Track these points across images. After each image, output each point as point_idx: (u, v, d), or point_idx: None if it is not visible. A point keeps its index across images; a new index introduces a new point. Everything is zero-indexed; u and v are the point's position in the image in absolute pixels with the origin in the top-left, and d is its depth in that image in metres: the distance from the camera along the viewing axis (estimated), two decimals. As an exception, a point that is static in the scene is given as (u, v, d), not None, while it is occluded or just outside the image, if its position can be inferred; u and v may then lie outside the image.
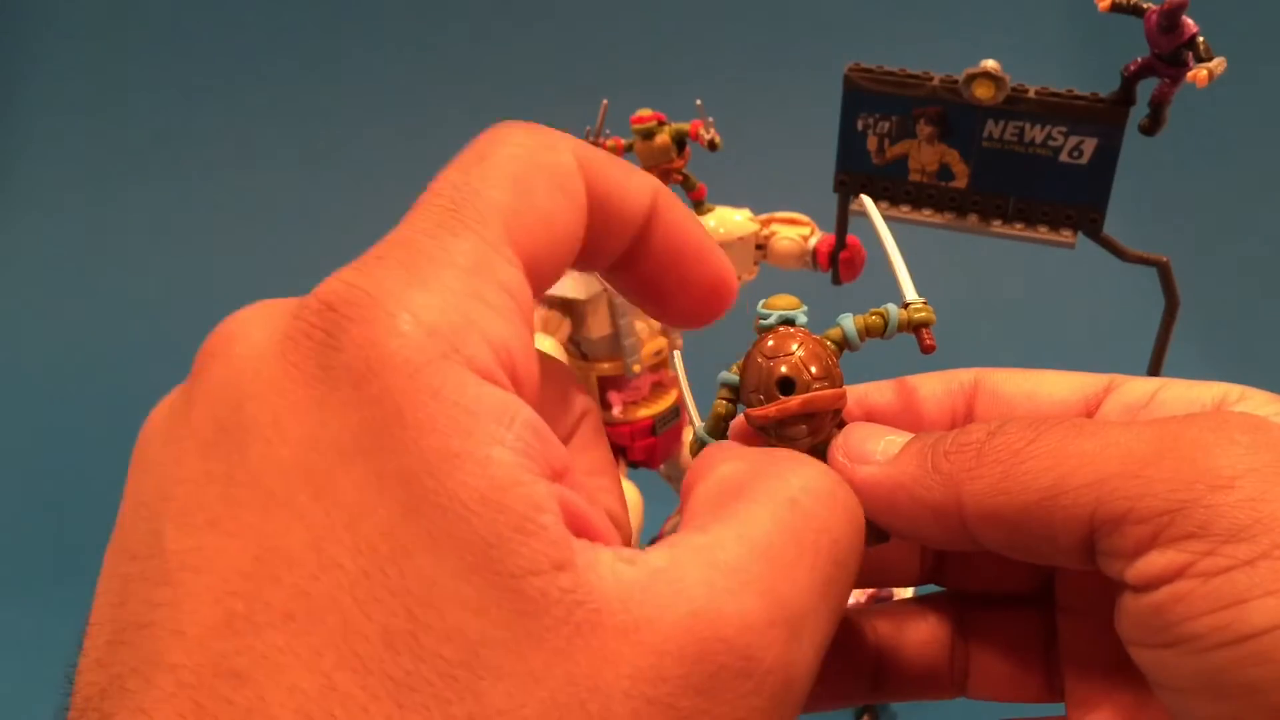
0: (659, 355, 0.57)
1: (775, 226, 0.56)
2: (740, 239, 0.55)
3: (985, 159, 0.43)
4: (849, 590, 0.19)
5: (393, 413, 0.15)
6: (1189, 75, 0.38)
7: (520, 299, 0.17)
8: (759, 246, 0.56)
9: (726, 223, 0.55)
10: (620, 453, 0.58)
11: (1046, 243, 0.43)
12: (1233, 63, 0.38)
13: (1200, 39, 0.38)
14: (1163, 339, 0.43)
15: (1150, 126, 0.41)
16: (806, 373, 0.22)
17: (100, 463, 0.84)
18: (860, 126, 0.44)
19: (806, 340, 0.23)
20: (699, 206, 0.55)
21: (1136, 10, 0.39)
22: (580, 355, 0.56)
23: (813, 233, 0.55)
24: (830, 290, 0.53)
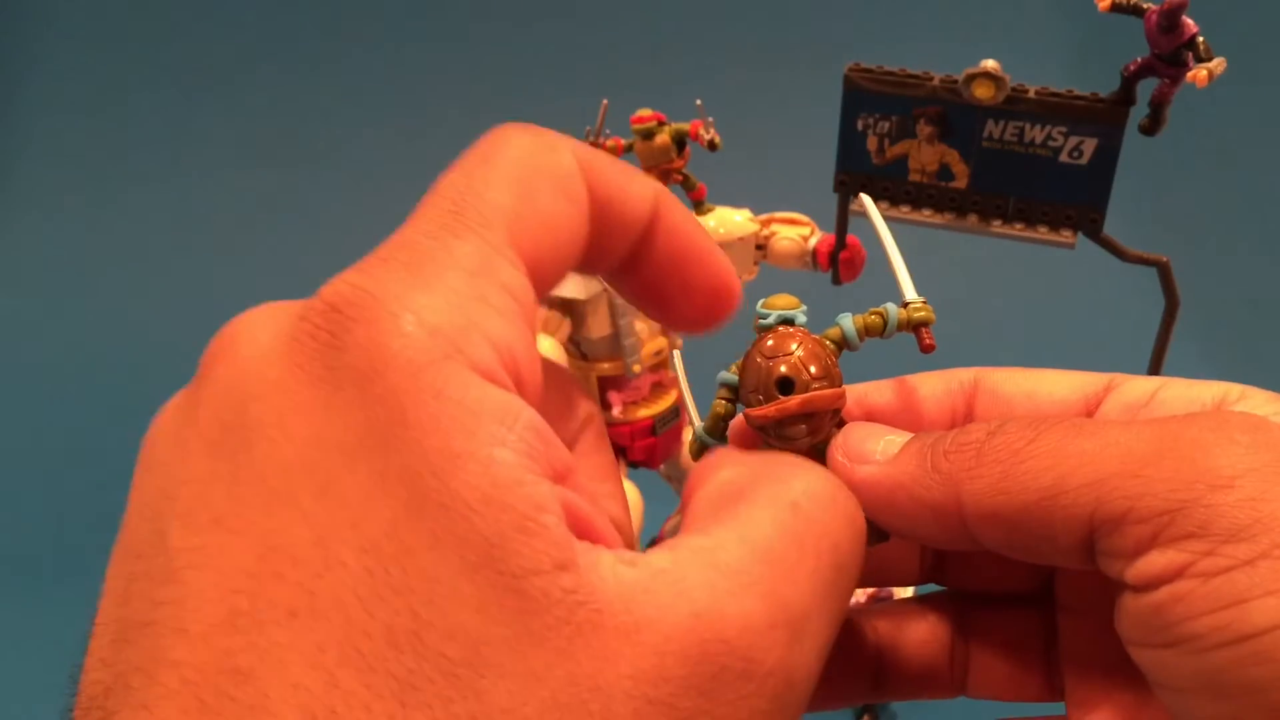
0: (659, 355, 0.57)
1: (775, 226, 0.56)
2: (740, 239, 0.55)
3: (985, 159, 0.43)
4: (850, 594, 0.19)
5: (396, 412, 0.15)
6: (1189, 75, 0.38)
7: (523, 301, 0.17)
8: (759, 246, 0.56)
9: (726, 223, 0.55)
10: (620, 453, 0.58)
11: (1046, 243, 0.43)
12: (1233, 63, 0.38)
13: (1200, 39, 0.38)
14: (1163, 339, 0.43)
15: (1150, 126, 0.41)
16: (805, 372, 0.22)
17: (101, 462, 0.84)
18: (860, 126, 0.44)
19: (806, 340, 0.23)
20: (699, 206, 0.55)
21: (1136, 10, 0.39)
22: (580, 355, 0.56)
23: (813, 233, 0.55)
24: (830, 290, 0.53)
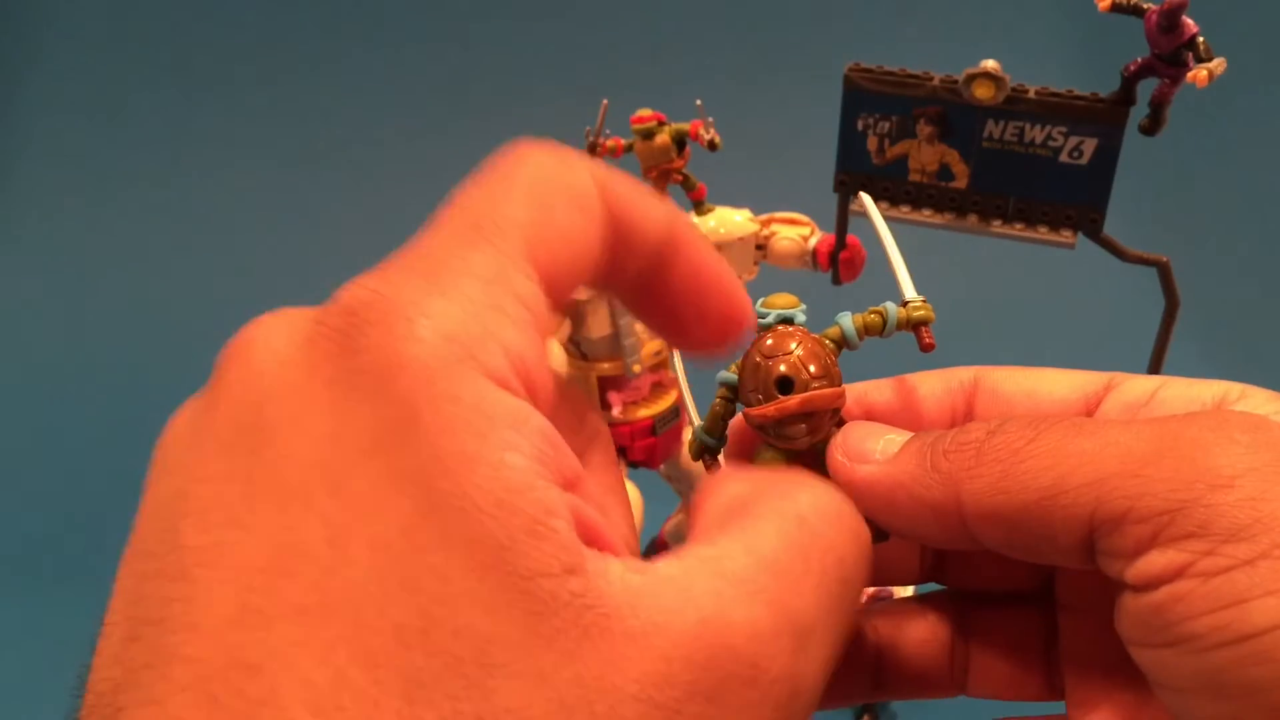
0: (659, 355, 0.57)
1: (775, 226, 0.56)
2: (740, 239, 0.55)
3: (985, 159, 0.43)
4: (855, 610, 0.19)
5: (410, 415, 0.15)
6: (1189, 75, 0.38)
7: (536, 312, 0.17)
8: (759, 246, 0.56)
9: (726, 223, 0.55)
10: (620, 453, 0.58)
11: (1046, 243, 0.43)
12: (1233, 63, 0.38)
13: (1200, 39, 0.38)
14: (1163, 339, 0.43)
15: (1150, 126, 0.41)
16: (805, 372, 0.22)
17: (101, 462, 0.84)
18: (860, 126, 0.44)
19: (805, 339, 0.23)
20: (699, 206, 0.55)
21: (1136, 10, 0.39)
22: (580, 355, 0.56)
23: (813, 233, 0.55)
24: (830, 290, 0.53)
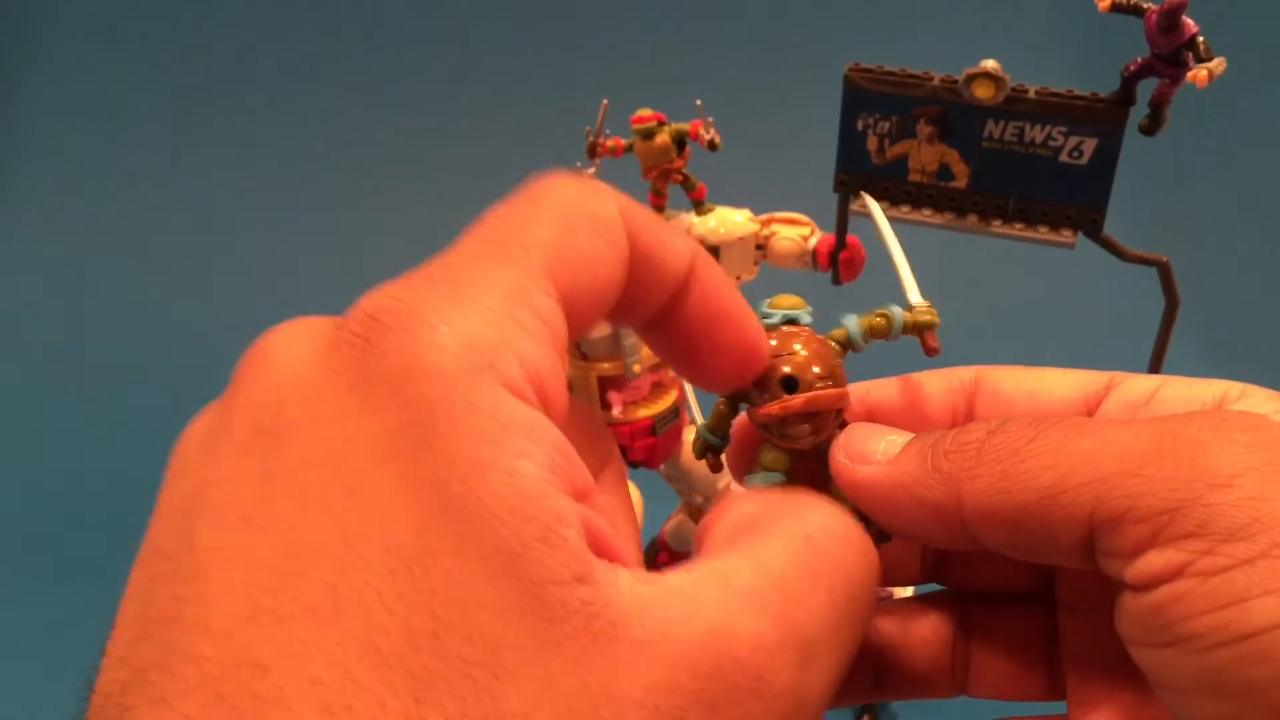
0: (659, 355, 0.57)
1: (775, 226, 0.56)
2: (740, 239, 0.55)
3: (985, 159, 0.43)
4: (862, 628, 0.19)
5: (427, 420, 0.15)
6: (1189, 75, 0.38)
7: (555, 328, 0.17)
8: (759, 246, 0.56)
9: (726, 223, 0.55)
10: (620, 453, 0.58)
11: (1046, 243, 0.43)
12: (1233, 63, 0.38)
13: (1200, 39, 0.38)
14: (1163, 339, 0.43)
15: (1150, 126, 0.41)
16: (810, 372, 0.22)
17: (101, 463, 0.85)
18: (860, 126, 0.44)
19: (810, 340, 0.23)
20: (699, 206, 0.55)
21: (1136, 10, 0.39)
22: (580, 355, 0.56)
23: (813, 233, 0.55)
24: (830, 290, 0.53)
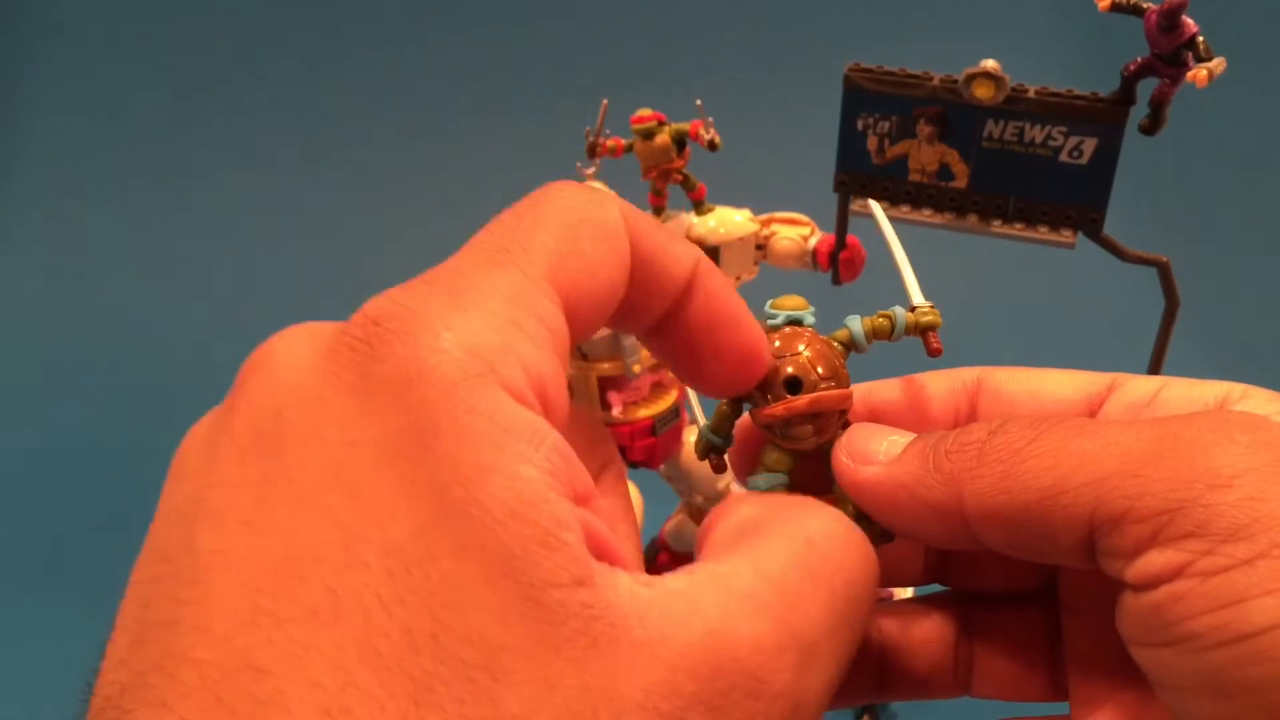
0: (659, 355, 0.57)
1: (775, 226, 0.56)
2: (740, 239, 0.55)
3: (985, 159, 0.43)
4: (862, 630, 0.19)
5: (428, 423, 0.15)
6: (1189, 75, 0.38)
7: (556, 334, 0.17)
8: (759, 246, 0.56)
9: (726, 223, 0.55)
10: (620, 453, 0.58)
11: (1046, 243, 0.43)
12: (1233, 63, 0.38)
13: (1200, 39, 0.38)
14: (1163, 339, 0.43)
15: (1150, 126, 0.41)
16: (813, 373, 0.22)
17: (101, 463, 0.84)
18: (860, 126, 0.44)
19: (814, 341, 0.23)
20: (699, 206, 0.55)
21: (1136, 10, 0.39)
22: (580, 355, 0.56)
23: (813, 233, 0.55)
24: (830, 290, 0.53)
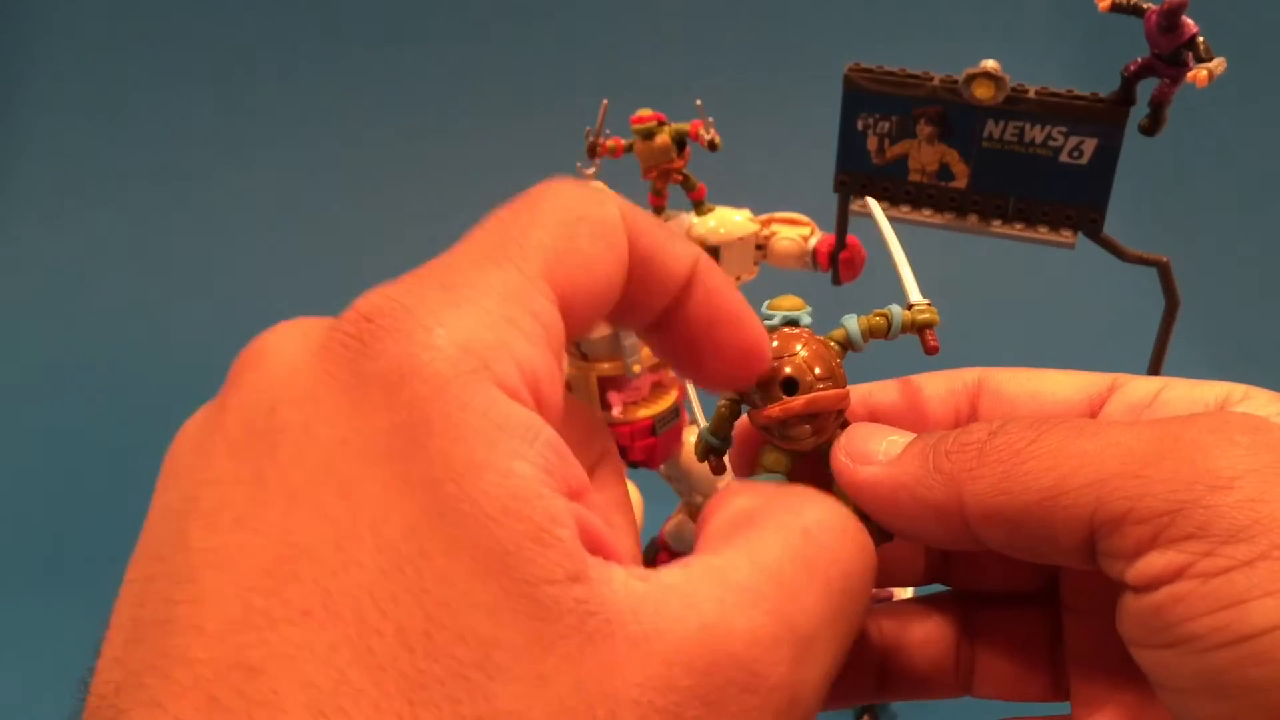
0: (659, 355, 0.57)
1: (775, 226, 0.56)
2: (740, 239, 0.55)
3: (985, 159, 0.43)
4: (858, 622, 0.19)
5: (421, 421, 0.15)
6: (1189, 75, 0.38)
7: (551, 330, 0.17)
8: (759, 246, 0.56)
9: (726, 223, 0.55)
10: (620, 453, 0.58)
11: (1046, 243, 0.43)
12: (1233, 63, 0.38)
13: (1200, 39, 0.38)
14: (1163, 339, 0.43)
15: (1150, 126, 0.41)
16: (810, 373, 0.22)
17: (101, 463, 0.84)
18: (860, 126, 0.44)
19: (810, 341, 0.23)
20: (699, 206, 0.55)
21: (1136, 10, 0.39)
22: (580, 355, 0.56)
23: (813, 233, 0.55)
24: (830, 290, 0.53)
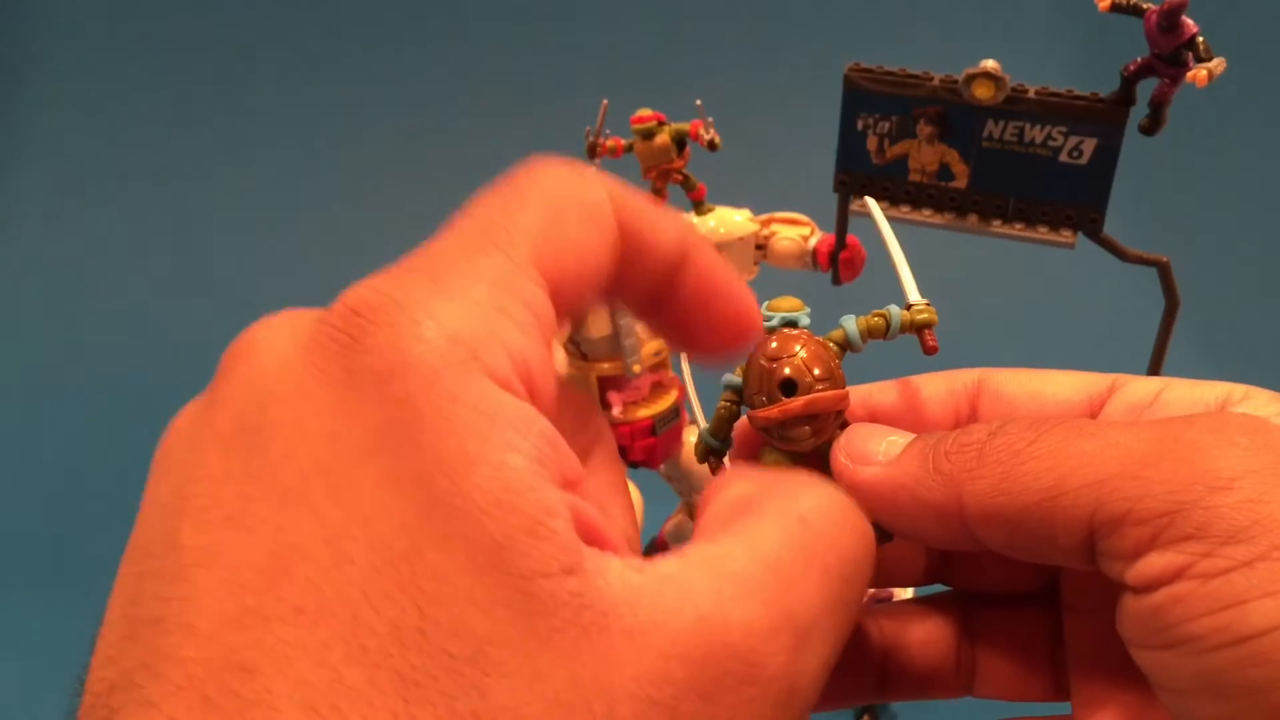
0: (659, 355, 0.57)
1: (775, 226, 0.56)
2: (740, 239, 0.55)
3: (985, 159, 0.43)
4: (857, 609, 0.19)
5: (412, 415, 0.15)
6: (1189, 75, 0.38)
7: (542, 317, 0.17)
8: (759, 246, 0.56)
9: (726, 223, 0.55)
10: (620, 453, 0.58)
11: (1046, 243, 0.43)
12: (1233, 63, 0.38)
13: (1200, 39, 0.38)
14: (1163, 339, 0.43)
15: (1150, 126, 0.41)
16: (809, 374, 0.22)
17: (101, 463, 0.84)
18: (860, 126, 0.44)
19: (809, 342, 0.23)
20: (699, 206, 0.55)
21: (1136, 10, 0.39)
22: (580, 355, 0.56)
23: (813, 233, 0.55)
24: (830, 290, 0.53)
